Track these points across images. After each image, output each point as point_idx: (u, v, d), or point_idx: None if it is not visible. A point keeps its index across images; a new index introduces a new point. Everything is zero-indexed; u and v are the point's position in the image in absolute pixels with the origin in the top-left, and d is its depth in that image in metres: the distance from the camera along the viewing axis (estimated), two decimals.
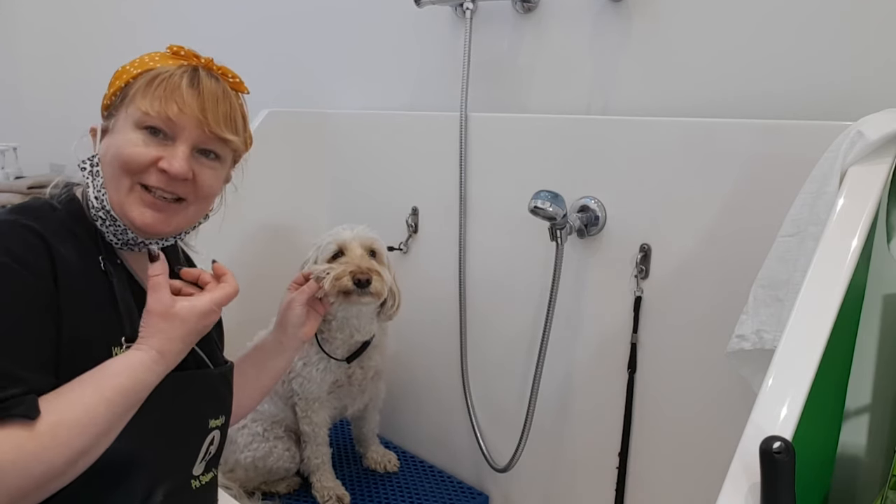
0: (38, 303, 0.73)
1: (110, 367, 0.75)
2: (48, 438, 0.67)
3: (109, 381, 0.74)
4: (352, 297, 1.24)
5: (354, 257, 1.26)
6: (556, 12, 1.38)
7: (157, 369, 0.78)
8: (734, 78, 1.16)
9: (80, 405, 0.70)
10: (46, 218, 0.80)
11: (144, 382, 0.77)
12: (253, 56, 2.00)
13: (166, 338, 0.79)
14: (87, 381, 0.73)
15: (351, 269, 1.22)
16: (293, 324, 1.15)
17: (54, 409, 0.68)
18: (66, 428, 0.68)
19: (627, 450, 1.26)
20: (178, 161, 0.82)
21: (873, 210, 0.79)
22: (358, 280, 1.21)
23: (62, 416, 0.68)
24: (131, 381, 0.75)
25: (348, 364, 1.39)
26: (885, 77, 1.01)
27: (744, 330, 0.93)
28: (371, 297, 1.25)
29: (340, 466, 1.56)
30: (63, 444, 0.68)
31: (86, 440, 0.70)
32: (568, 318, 1.32)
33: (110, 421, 0.73)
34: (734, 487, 0.63)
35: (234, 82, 0.91)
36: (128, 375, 0.75)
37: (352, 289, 1.22)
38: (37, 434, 0.66)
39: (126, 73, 0.86)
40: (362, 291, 1.23)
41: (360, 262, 1.25)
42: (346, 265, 1.24)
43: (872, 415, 1.08)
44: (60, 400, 0.70)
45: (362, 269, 1.23)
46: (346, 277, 1.21)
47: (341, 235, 1.29)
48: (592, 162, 1.27)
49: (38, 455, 0.66)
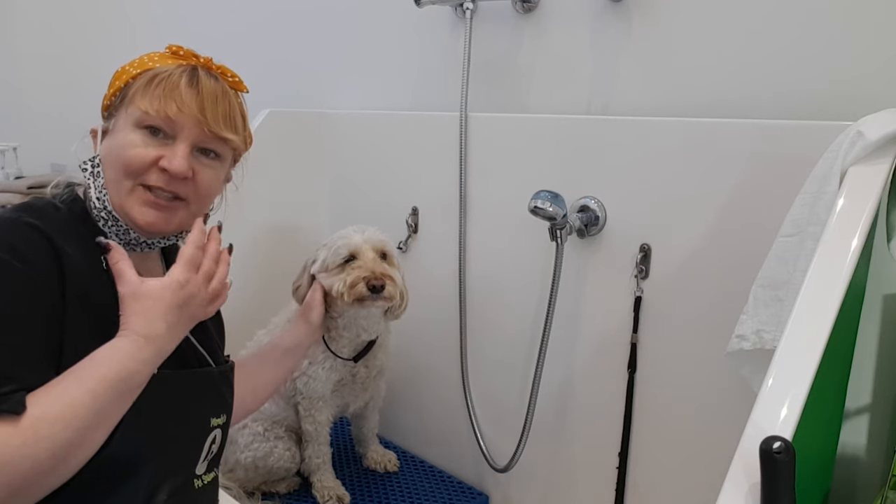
0: (39, 300, 0.73)
1: (94, 358, 0.73)
2: (30, 434, 0.66)
3: (92, 371, 0.72)
4: (365, 303, 1.27)
5: (367, 262, 1.27)
6: (556, 12, 1.38)
7: (144, 356, 0.76)
8: (734, 78, 1.16)
9: (62, 398, 0.69)
10: (50, 217, 0.79)
11: (130, 370, 0.74)
12: (253, 56, 2.00)
13: (144, 319, 0.77)
14: (71, 374, 0.72)
15: (365, 276, 1.24)
16: (316, 321, 1.29)
17: (37, 404, 0.67)
18: (47, 422, 0.67)
19: (627, 450, 1.26)
20: (178, 160, 0.82)
21: (873, 210, 0.79)
22: (373, 286, 1.23)
23: (44, 411, 0.67)
24: (114, 370, 0.73)
25: (354, 363, 1.39)
26: (885, 77, 1.01)
27: (744, 330, 0.93)
28: (385, 302, 1.27)
29: (340, 466, 1.56)
30: (45, 437, 0.67)
31: (70, 434, 0.68)
32: (568, 318, 1.32)
33: (97, 413, 0.71)
34: (734, 487, 0.63)
35: (234, 81, 0.91)
36: (110, 365, 0.73)
37: (366, 295, 1.24)
38: (20, 430, 0.65)
39: (125, 74, 0.87)
40: (376, 297, 1.25)
41: (374, 268, 1.26)
42: (359, 270, 1.25)
43: (872, 415, 1.08)
44: (45, 395, 0.69)
45: (376, 274, 1.25)
46: (361, 284, 1.24)
47: (352, 239, 1.29)
48: (592, 162, 1.27)
49: (21, 450, 0.65)
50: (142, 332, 0.76)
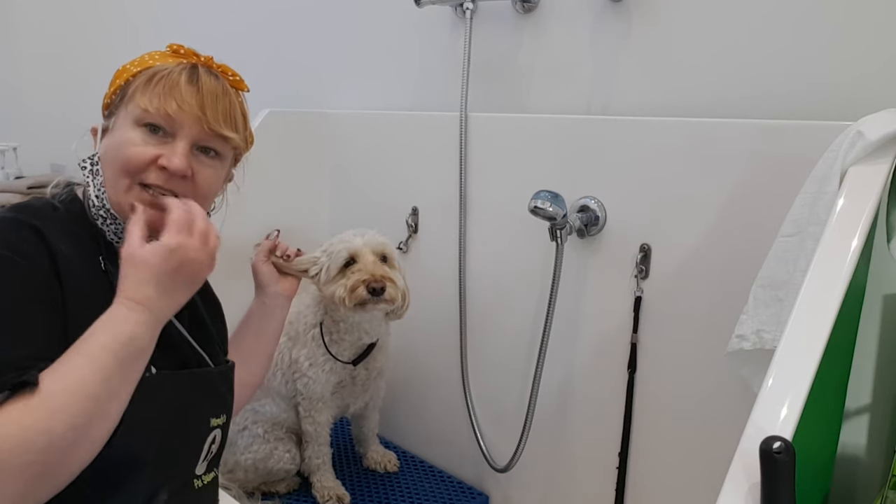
0: (44, 294, 0.74)
1: (91, 329, 0.73)
2: (42, 408, 0.67)
3: (90, 342, 0.72)
4: (367, 306, 1.26)
5: (367, 265, 1.26)
6: (556, 12, 1.38)
7: (137, 317, 0.74)
8: (734, 78, 1.16)
9: (66, 370, 0.70)
10: (47, 217, 0.80)
11: (126, 333, 0.73)
12: (253, 56, 2.00)
13: (135, 282, 0.76)
14: (72, 349, 0.72)
15: (364, 279, 1.23)
16: (267, 283, 1.16)
17: (42, 380, 0.68)
18: (56, 394, 0.67)
19: (627, 450, 1.26)
20: (177, 157, 0.82)
21: (873, 210, 0.79)
22: (373, 289, 1.23)
23: (51, 386, 0.68)
24: (111, 334, 0.72)
25: (354, 367, 1.39)
26: (885, 77, 1.01)
27: (744, 330, 0.93)
28: (386, 304, 1.27)
29: (340, 466, 1.56)
30: (57, 409, 0.67)
31: (81, 402, 0.68)
32: (568, 318, 1.32)
33: (105, 380, 0.71)
34: (734, 487, 0.63)
35: (234, 80, 0.91)
36: (106, 331, 0.73)
37: (367, 298, 1.24)
38: (31, 407, 0.66)
39: (126, 72, 0.87)
40: (377, 299, 1.24)
41: (374, 270, 1.25)
42: (359, 274, 1.24)
43: (872, 415, 1.08)
44: (51, 371, 0.69)
45: (376, 277, 1.24)
46: (361, 287, 1.23)
47: (352, 243, 1.29)
48: (592, 162, 1.27)
49: (35, 426, 0.66)
50: (130, 296, 0.75)
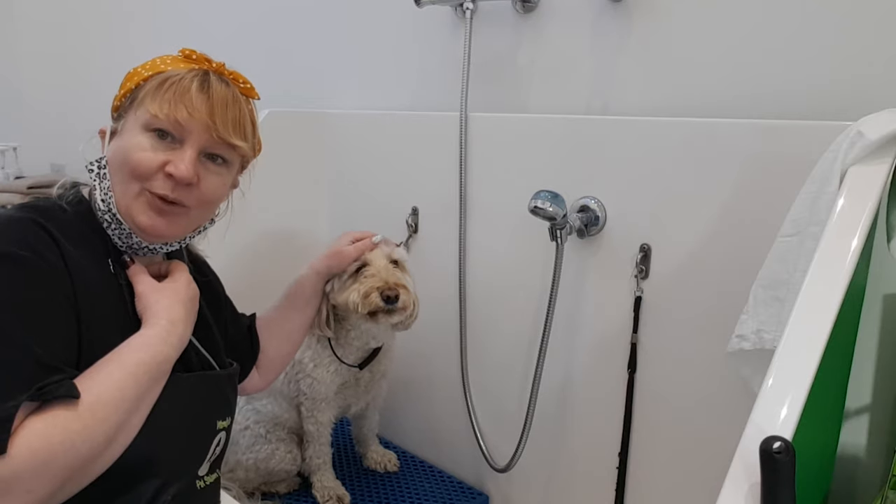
0: (63, 295, 0.74)
1: (129, 345, 0.78)
2: (89, 416, 0.69)
3: (131, 357, 0.76)
4: (378, 317, 1.22)
5: (380, 269, 1.22)
6: (556, 12, 1.38)
7: (172, 340, 0.81)
8: (734, 78, 1.16)
9: (110, 382, 0.73)
10: (58, 219, 0.80)
11: (163, 354, 0.79)
12: (253, 55, 2.00)
13: (167, 304, 0.83)
14: (111, 361, 0.75)
15: (378, 286, 1.20)
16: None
17: (88, 389, 0.70)
18: (102, 405, 0.70)
19: (627, 450, 1.26)
20: (184, 164, 0.82)
21: (873, 210, 0.79)
22: (387, 297, 1.19)
23: (98, 395, 0.71)
24: (150, 354, 0.78)
25: (360, 370, 1.38)
26: (885, 77, 1.01)
27: (744, 330, 0.93)
28: (399, 315, 1.23)
29: (340, 466, 1.56)
30: (102, 420, 0.70)
31: (121, 416, 0.72)
32: (568, 318, 1.32)
33: (138, 396, 0.75)
34: (734, 487, 0.63)
35: (245, 87, 0.91)
36: (146, 350, 0.78)
37: (380, 307, 1.20)
38: (79, 414, 0.69)
39: (137, 76, 0.86)
40: (390, 309, 1.21)
41: (388, 277, 1.22)
42: (372, 280, 1.21)
43: (872, 415, 1.08)
44: (92, 380, 0.72)
45: (390, 283, 1.21)
46: (375, 294, 1.19)
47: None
48: (592, 162, 1.27)
49: (81, 433, 0.68)
50: (167, 317, 0.81)
